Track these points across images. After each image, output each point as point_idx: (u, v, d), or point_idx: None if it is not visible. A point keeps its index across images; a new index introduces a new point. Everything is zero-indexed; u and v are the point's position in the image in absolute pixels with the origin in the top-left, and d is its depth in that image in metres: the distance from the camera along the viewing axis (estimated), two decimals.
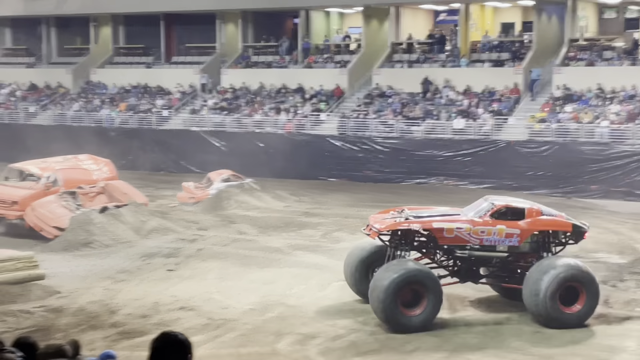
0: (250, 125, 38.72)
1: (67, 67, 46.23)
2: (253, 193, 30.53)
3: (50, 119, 42.68)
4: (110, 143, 38.19)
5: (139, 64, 46.07)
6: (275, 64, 43.18)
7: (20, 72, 46.96)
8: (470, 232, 16.60)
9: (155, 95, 43.24)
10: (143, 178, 34.60)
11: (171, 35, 46.73)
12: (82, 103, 43.48)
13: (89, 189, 26.49)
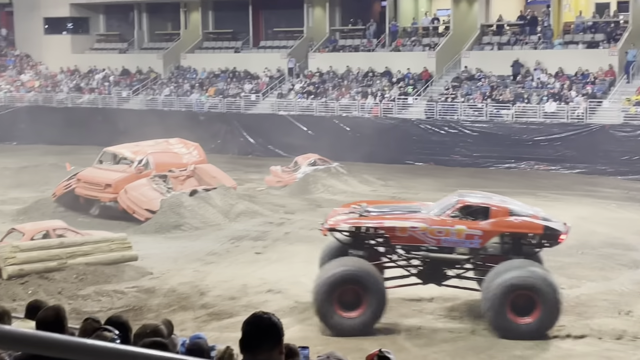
0: (337, 110, 38.70)
1: (158, 53, 47.09)
2: (340, 177, 30.55)
3: (142, 103, 43.57)
4: (200, 127, 38.74)
5: (227, 48, 46.55)
6: (362, 47, 42.99)
7: (113, 57, 48.06)
8: (426, 232, 15.19)
9: (243, 80, 43.65)
10: (231, 162, 35.01)
11: (259, 20, 47.04)
12: (172, 88, 44.25)
13: (179, 172, 26.95)
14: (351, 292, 14.74)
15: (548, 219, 15.60)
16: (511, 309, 14.47)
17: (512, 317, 14.52)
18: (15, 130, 43.72)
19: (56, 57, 47.96)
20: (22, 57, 49.27)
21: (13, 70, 48.06)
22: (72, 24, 49.19)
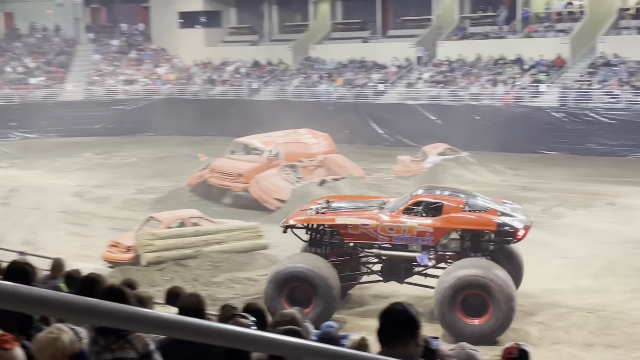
0: (467, 98, 38.15)
1: (287, 44, 47.71)
2: (469, 167, 30.13)
3: (272, 94, 44.30)
4: (328, 117, 39.02)
5: (355, 38, 46.67)
6: (492, 34, 42.17)
7: (244, 49, 49.04)
8: (377, 229, 14.75)
9: (371, 70, 43.67)
10: (359, 151, 35.12)
11: (387, 9, 46.91)
12: (301, 78, 44.77)
13: (308, 162, 27.25)
14: (302, 291, 14.48)
15: (511, 215, 14.91)
16: (462, 309, 13.78)
17: (461, 316, 13.82)
18: (151, 122, 45.38)
19: (190, 50, 49.39)
20: (158, 51, 51.01)
21: (150, 63, 49.85)
22: (205, 18, 50.53)
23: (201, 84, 46.85)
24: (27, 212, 26.63)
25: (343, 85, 42.78)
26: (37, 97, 46.02)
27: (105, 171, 34.19)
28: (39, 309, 2.32)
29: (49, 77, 47.93)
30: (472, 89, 38.51)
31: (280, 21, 50.34)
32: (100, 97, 46.56)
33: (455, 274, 13.80)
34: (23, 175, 33.44)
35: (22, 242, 21.86)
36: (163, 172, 32.92)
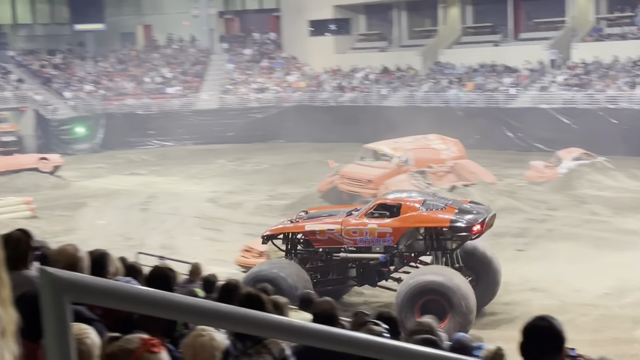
0: (603, 101, 36.86)
1: (416, 49, 47.51)
2: (606, 172, 29.10)
3: (401, 100, 44.20)
4: (458, 122, 38.57)
5: (486, 42, 45.97)
6: (630, 35, 40.59)
7: (373, 56, 49.17)
8: (342, 233, 15.28)
9: (502, 74, 42.90)
10: (490, 157, 34.54)
11: (519, 12, 45.97)
12: (430, 84, 44.49)
13: (438, 168, 27.05)
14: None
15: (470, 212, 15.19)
16: (422, 314, 13.52)
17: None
18: (283, 129, 46.19)
19: (320, 57, 49.96)
20: (289, 59, 51.87)
21: (281, 72, 50.76)
22: (334, 25, 51.01)
23: (331, 91, 47.31)
24: (165, 217, 27.64)
25: (473, 90, 42.21)
26: (174, 106, 47.71)
27: (238, 177, 35.05)
28: (183, 315, 2.41)
29: (185, 86, 49.61)
30: (609, 91, 37.19)
31: (409, 27, 50.20)
32: (233, 105, 47.79)
33: (416, 279, 14.21)
34: (161, 181, 34.73)
35: (160, 247, 22.72)
36: (294, 178, 33.44)
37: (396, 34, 50.03)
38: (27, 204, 28.22)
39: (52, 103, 45.96)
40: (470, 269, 15.51)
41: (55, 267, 2.90)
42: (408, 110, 41.53)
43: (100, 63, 52.03)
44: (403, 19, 50.08)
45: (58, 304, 1.54)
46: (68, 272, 1.59)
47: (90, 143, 45.53)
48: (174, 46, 54.04)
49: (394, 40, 50.17)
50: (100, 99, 47.40)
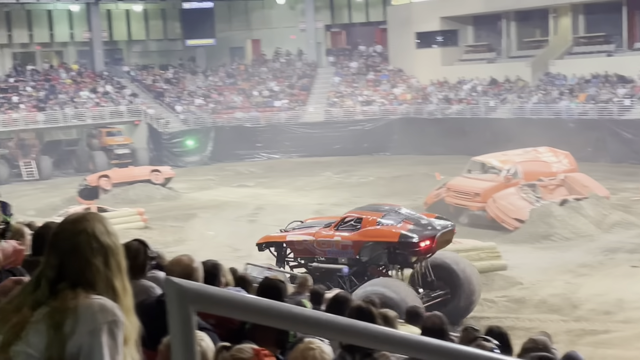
0: None
1: (526, 60, 46.66)
2: None
3: (510, 112, 43.46)
4: (570, 134, 37.63)
5: (599, 52, 44.71)
6: None
7: (481, 67, 48.56)
8: (314, 244, 16.19)
9: (616, 84, 41.62)
10: (603, 170, 33.52)
11: (634, 21, 44.52)
12: (540, 95, 43.59)
13: (548, 181, 26.48)
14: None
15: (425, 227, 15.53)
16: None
17: None
18: (388, 141, 46.14)
19: (426, 70, 49.70)
20: (395, 72, 51.82)
21: (387, 84, 50.75)
22: (441, 37, 50.69)
23: (437, 103, 46.98)
24: (272, 229, 27.87)
25: (585, 101, 41.10)
26: (281, 119, 48.38)
27: (344, 190, 35.17)
28: (299, 326, 2.43)
29: (292, 99, 50.23)
30: None
31: (518, 37, 49.36)
32: (339, 118, 48.07)
33: (360, 290, 14.53)
34: (268, 193, 35.21)
35: (268, 258, 22.99)
36: (400, 190, 33.30)
37: (505, 45, 49.26)
38: (140, 215, 29.10)
39: (164, 117, 47.34)
40: (446, 283, 15.93)
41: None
42: (517, 122, 40.79)
43: (210, 77, 53.29)
44: (512, 29, 49.28)
45: (184, 313, 1.58)
46: (193, 282, 1.63)
47: (200, 155, 46.64)
48: (281, 60, 54.83)
49: (502, 51, 49.42)
50: (210, 113, 48.52)
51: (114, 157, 43.61)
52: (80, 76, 49.53)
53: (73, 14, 51.48)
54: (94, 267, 2.24)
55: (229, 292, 1.76)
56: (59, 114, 44.98)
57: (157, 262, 6.09)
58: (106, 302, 2.19)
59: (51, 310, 2.19)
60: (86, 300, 2.19)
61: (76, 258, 2.24)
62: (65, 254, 2.25)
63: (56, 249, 2.27)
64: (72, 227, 2.28)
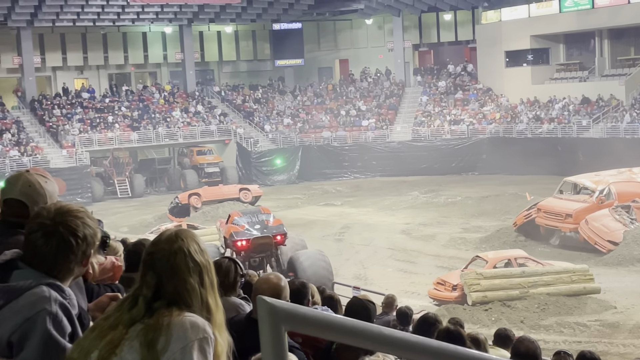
0: None
1: (620, 79, 45.53)
2: None
3: (603, 131, 42.43)
4: None
5: None
6: None
7: (573, 86, 47.59)
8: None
9: None
10: None
11: None
12: (635, 114, 42.41)
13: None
14: None
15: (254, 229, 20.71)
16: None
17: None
18: (477, 160, 45.63)
19: (516, 88, 49.02)
20: (484, 91, 51.27)
21: (476, 103, 50.25)
22: (532, 56, 49.95)
23: (527, 122, 46.23)
24: (359, 248, 27.97)
25: None
26: (368, 138, 48.42)
27: (431, 209, 34.90)
28: (385, 347, 2.42)
29: (379, 119, 50.23)
30: None
31: (612, 55, 48.20)
32: (426, 137, 47.82)
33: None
34: (355, 212, 35.22)
35: (354, 277, 23.00)
36: (488, 211, 32.86)
37: (598, 63, 48.18)
38: None
39: (253, 136, 48.01)
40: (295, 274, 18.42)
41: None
42: (610, 142, 39.81)
43: (299, 97, 53.81)
44: (605, 47, 48.19)
45: (276, 332, 1.60)
46: (284, 302, 1.64)
47: (288, 174, 47.05)
48: (368, 79, 54.95)
49: (595, 70, 48.35)
50: (298, 132, 48.95)
51: (204, 175, 44.43)
52: (173, 96, 50.72)
53: (166, 35, 52.84)
54: (190, 286, 2.29)
55: (319, 312, 1.77)
56: (151, 133, 46.12)
57: (246, 279, 6.16)
58: (197, 320, 2.24)
59: (145, 327, 2.24)
60: (178, 318, 2.23)
61: (174, 278, 2.30)
62: (162, 273, 2.31)
63: (153, 268, 2.33)
64: (169, 247, 2.34)
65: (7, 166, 39.26)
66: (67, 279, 2.59)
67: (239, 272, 4.77)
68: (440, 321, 5.52)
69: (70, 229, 2.54)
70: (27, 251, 2.55)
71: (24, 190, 3.00)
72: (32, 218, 2.59)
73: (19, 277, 2.49)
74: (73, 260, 2.56)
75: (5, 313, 2.44)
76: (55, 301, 2.44)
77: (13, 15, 44.48)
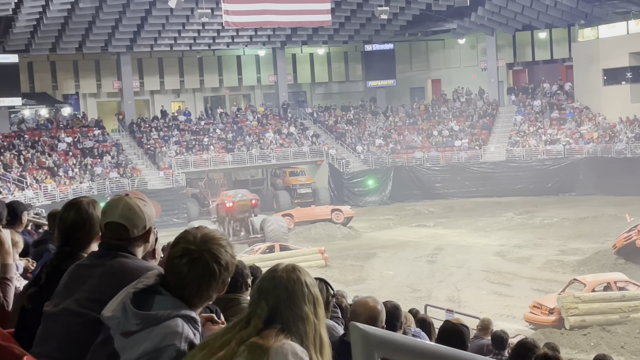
0: None
1: None
2: None
3: None
4: None
5: None
6: None
7: None
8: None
9: None
10: None
11: None
12: None
13: None
14: None
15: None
16: None
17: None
18: (574, 181, 44.58)
19: (615, 107, 47.74)
20: (581, 109, 50.13)
21: (572, 122, 49.16)
22: (631, 73, 48.59)
23: (627, 141, 44.93)
24: (452, 269, 27.65)
25: None
26: (461, 158, 47.93)
27: (526, 231, 34.24)
28: None
29: (472, 139, 49.68)
30: None
31: None
32: (521, 158, 47.01)
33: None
34: (448, 234, 34.86)
35: (447, 299, 22.73)
36: (586, 233, 32.02)
37: None
38: (321, 253, 29.62)
39: (345, 157, 48.17)
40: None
41: (356, 319, 3.02)
42: None
43: (390, 117, 53.74)
44: None
45: (369, 359, 1.60)
46: (377, 329, 1.64)
47: (380, 195, 46.96)
48: (461, 99, 54.47)
49: None
50: (390, 153, 48.85)
51: (296, 196, 44.79)
52: (266, 118, 51.42)
53: (260, 58, 53.68)
54: (306, 315, 2.35)
55: (412, 339, 1.76)
56: (245, 154, 46.83)
57: (337, 300, 6.16)
58: (296, 347, 2.28)
59: (252, 344, 2.29)
60: (280, 343, 2.27)
61: (291, 305, 2.37)
62: (280, 299, 2.37)
63: (270, 293, 2.39)
64: (287, 276, 2.41)
65: (107, 187, 40.48)
66: (202, 306, 2.67)
67: (330, 292, 4.77)
68: (538, 346, 5.40)
69: (215, 256, 2.58)
70: (170, 276, 2.60)
71: (124, 213, 3.08)
72: (176, 242, 2.63)
73: (160, 305, 2.55)
74: (214, 287, 2.62)
75: (140, 337, 2.52)
76: (186, 339, 2.51)
77: (113, 41, 46.03)
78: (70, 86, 49.29)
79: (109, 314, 2.60)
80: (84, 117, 47.90)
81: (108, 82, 49.14)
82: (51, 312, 3.08)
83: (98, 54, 47.83)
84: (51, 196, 38.00)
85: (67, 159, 42.98)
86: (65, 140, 44.49)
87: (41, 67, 47.71)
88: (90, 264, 3.11)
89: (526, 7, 49.28)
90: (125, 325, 2.55)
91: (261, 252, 28.69)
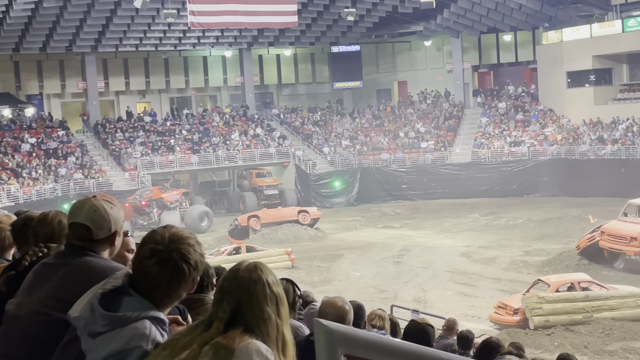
0: None
1: None
2: None
3: None
4: None
5: None
6: None
7: (637, 106, 46.62)
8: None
9: None
10: None
11: None
12: None
13: None
14: None
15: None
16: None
17: None
18: (538, 182, 45.02)
19: (578, 109, 48.30)
20: (545, 112, 50.65)
21: (536, 124, 49.64)
22: (594, 76, 49.20)
23: (590, 143, 45.48)
24: (418, 270, 27.78)
25: None
26: (427, 160, 48.18)
27: (491, 232, 34.51)
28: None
29: (438, 140, 49.97)
30: None
31: None
32: (486, 159, 47.37)
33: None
34: (414, 235, 35.02)
35: (413, 300, 22.83)
36: (550, 234, 32.35)
37: None
38: (288, 255, 29.61)
39: (311, 158, 48.18)
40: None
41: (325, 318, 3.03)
42: None
43: (357, 119, 53.88)
44: None
45: (333, 355, 1.60)
46: (341, 325, 1.64)
47: (346, 197, 47.04)
48: (427, 101, 54.77)
49: None
50: (356, 154, 48.98)
51: (263, 197, 44.69)
52: (232, 119, 51.26)
53: (226, 59, 53.51)
54: (267, 315, 2.33)
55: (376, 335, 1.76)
56: (211, 155, 46.64)
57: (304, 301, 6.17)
58: (261, 346, 2.27)
59: (216, 345, 2.28)
60: (244, 343, 2.26)
61: (252, 306, 2.34)
62: (241, 301, 2.34)
63: (231, 294, 2.37)
64: (248, 276, 2.38)
65: (71, 189, 40.07)
66: (172, 305, 2.65)
67: (296, 293, 4.78)
68: (502, 345, 5.44)
69: (184, 256, 2.56)
70: (139, 276, 2.57)
71: (89, 215, 3.04)
72: (144, 243, 2.60)
73: (128, 306, 2.52)
74: (184, 287, 2.59)
75: (107, 338, 2.49)
76: (153, 341, 2.48)
77: (78, 41, 45.59)
78: (34, 86, 48.73)
79: (76, 314, 2.58)
80: (49, 117, 47.39)
81: (72, 83, 48.67)
82: (13, 311, 3.04)
83: (62, 54, 47.35)
84: (14, 198, 37.53)
85: (31, 160, 42.48)
86: (29, 141, 43.98)
87: (4, 67, 47.09)
88: (55, 263, 3.07)
89: (491, 10, 49.70)
90: (92, 326, 2.52)
91: (227, 254, 28.60)
